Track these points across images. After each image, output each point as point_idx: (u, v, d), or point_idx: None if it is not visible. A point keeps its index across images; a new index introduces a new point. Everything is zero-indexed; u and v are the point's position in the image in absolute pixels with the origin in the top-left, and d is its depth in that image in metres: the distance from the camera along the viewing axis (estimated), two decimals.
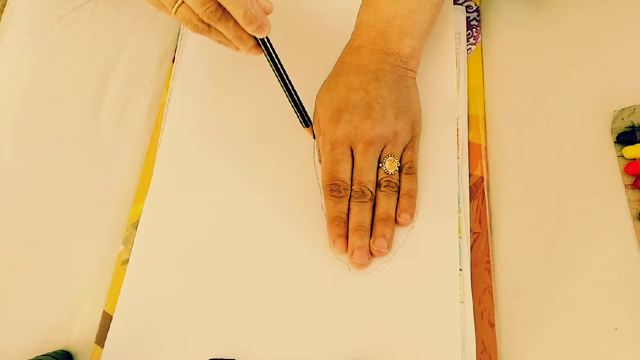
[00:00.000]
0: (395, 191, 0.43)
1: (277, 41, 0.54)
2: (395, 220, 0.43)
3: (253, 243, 0.44)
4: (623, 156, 0.43)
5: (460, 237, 0.42)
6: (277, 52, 0.44)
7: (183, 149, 0.49)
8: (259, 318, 0.41)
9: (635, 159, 0.42)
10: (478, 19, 0.53)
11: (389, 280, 0.41)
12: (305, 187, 0.46)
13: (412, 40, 0.46)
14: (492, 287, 0.41)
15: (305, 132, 0.48)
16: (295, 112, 0.46)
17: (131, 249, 0.45)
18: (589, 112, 0.45)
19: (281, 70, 0.44)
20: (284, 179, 0.47)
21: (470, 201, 0.44)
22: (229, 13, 0.39)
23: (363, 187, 0.43)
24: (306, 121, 0.46)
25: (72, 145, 0.52)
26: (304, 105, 0.46)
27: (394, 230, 0.43)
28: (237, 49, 0.43)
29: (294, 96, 0.45)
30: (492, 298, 0.40)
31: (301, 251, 0.43)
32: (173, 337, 0.41)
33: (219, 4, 0.39)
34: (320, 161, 0.46)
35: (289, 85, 0.45)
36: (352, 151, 0.44)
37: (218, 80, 0.53)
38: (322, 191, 0.45)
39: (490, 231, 0.43)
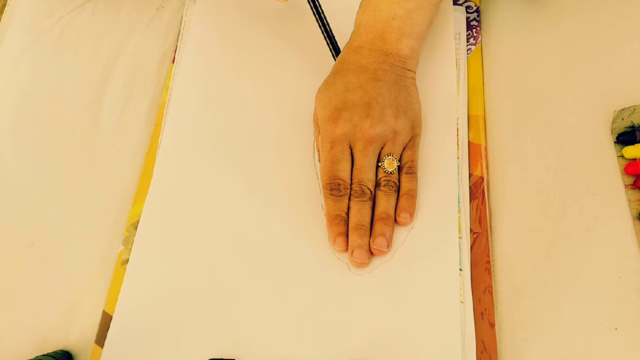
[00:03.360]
0: (395, 190, 0.43)
1: (278, 41, 0.54)
2: (395, 220, 0.43)
3: (253, 243, 0.44)
4: (623, 156, 0.43)
5: (460, 237, 0.42)
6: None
7: (183, 149, 0.49)
8: (259, 318, 0.41)
9: (635, 159, 0.42)
10: (478, 19, 0.53)
11: (389, 280, 0.41)
12: (305, 187, 0.46)
13: (410, 41, 0.46)
14: (492, 287, 0.41)
15: (304, 132, 0.48)
16: (328, 44, 0.49)
17: (131, 249, 0.45)
18: (589, 112, 0.45)
19: (319, 7, 0.49)
20: (284, 179, 0.47)
21: (470, 201, 0.44)
22: None
23: (362, 186, 0.43)
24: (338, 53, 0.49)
25: (72, 145, 0.52)
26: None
27: (393, 230, 0.43)
28: None
29: (328, 30, 0.49)
30: (492, 298, 0.40)
31: (301, 251, 0.43)
32: (173, 337, 0.41)
33: None
34: (320, 160, 0.46)
35: (325, 22, 0.49)
36: (351, 150, 0.44)
37: (218, 80, 0.53)
38: (321, 191, 0.45)
39: (490, 231, 0.43)
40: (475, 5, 0.53)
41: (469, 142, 0.46)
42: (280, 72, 0.53)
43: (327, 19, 0.49)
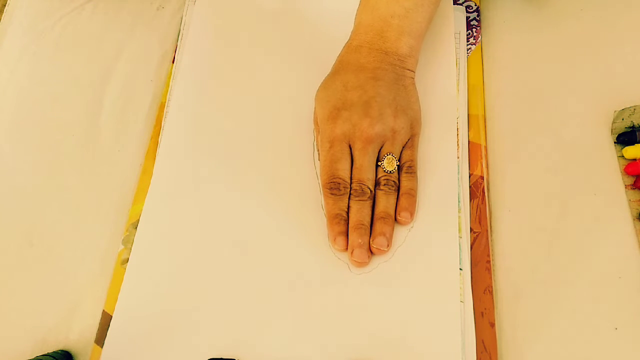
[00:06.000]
0: (395, 190, 0.43)
1: (277, 41, 0.54)
2: (395, 219, 0.43)
3: (253, 243, 0.44)
4: (623, 156, 0.43)
5: (460, 237, 0.42)
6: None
7: (183, 149, 0.49)
8: (259, 318, 0.41)
9: (635, 159, 0.42)
10: (478, 19, 0.53)
11: (389, 280, 0.41)
12: (305, 186, 0.46)
13: (410, 40, 0.46)
14: (492, 287, 0.41)
15: (304, 132, 0.48)
16: None
17: (131, 249, 0.45)
18: (589, 112, 0.45)
19: None
20: (284, 179, 0.47)
21: (470, 201, 0.44)
22: None
23: (362, 185, 0.43)
24: None
25: (72, 145, 0.52)
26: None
27: (393, 229, 0.43)
28: None
29: None
30: (492, 298, 0.40)
31: (301, 251, 0.43)
32: (173, 336, 0.41)
33: None
34: (319, 160, 0.46)
35: None
36: (351, 149, 0.44)
37: (218, 80, 0.53)
38: (321, 190, 0.45)
39: (490, 231, 0.43)
40: (475, 5, 0.53)
41: (469, 141, 0.46)
42: (280, 71, 0.53)
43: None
